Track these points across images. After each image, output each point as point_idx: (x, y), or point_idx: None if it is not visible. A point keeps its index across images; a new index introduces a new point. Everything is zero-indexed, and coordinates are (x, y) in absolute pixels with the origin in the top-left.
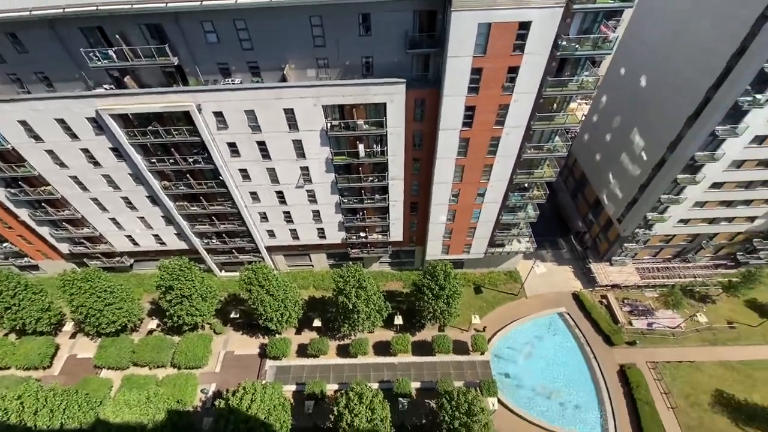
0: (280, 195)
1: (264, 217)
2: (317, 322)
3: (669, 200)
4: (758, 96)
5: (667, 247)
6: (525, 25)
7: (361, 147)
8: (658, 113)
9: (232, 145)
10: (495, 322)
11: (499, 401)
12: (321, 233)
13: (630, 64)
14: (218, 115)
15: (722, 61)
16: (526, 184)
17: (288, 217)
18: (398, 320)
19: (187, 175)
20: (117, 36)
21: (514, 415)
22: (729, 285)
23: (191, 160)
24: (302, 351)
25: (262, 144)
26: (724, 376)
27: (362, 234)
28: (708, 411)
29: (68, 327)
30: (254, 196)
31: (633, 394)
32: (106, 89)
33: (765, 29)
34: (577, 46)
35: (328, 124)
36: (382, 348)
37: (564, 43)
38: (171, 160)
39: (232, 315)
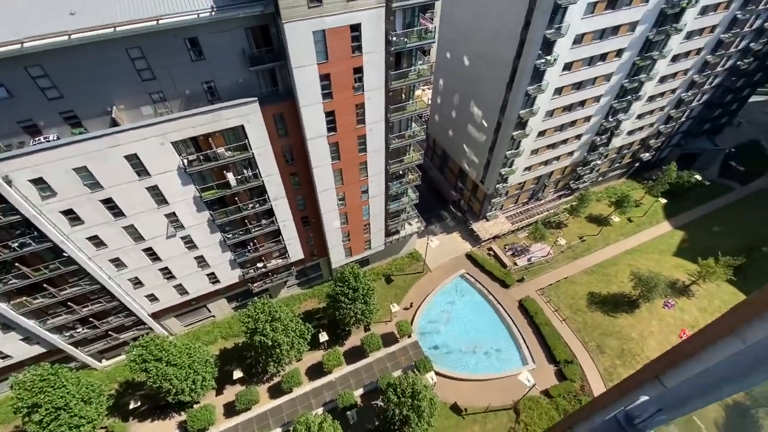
0: (150, 252)
1: (137, 282)
2: (238, 373)
3: (513, 154)
4: (548, 57)
5: (522, 192)
6: (356, 27)
7: (230, 176)
8: (485, 85)
9: (70, 213)
10: (412, 303)
11: (436, 373)
12: (213, 278)
13: (452, 49)
14: (39, 182)
15: (516, 35)
16: (400, 171)
17: (168, 274)
18: (323, 337)
19: (17, 264)
20: None
21: (451, 380)
22: (571, 209)
23: (16, 244)
24: (230, 410)
25: (108, 201)
26: (589, 281)
27: (260, 265)
28: (587, 312)
29: None
30: (117, 262)
31: (534, 321)
32: None
33: (539, 4)
34: (405, 39)
35: (185, 161)
36: (316, 371)
37: (394, 38)
38: None
39: (133, 405)
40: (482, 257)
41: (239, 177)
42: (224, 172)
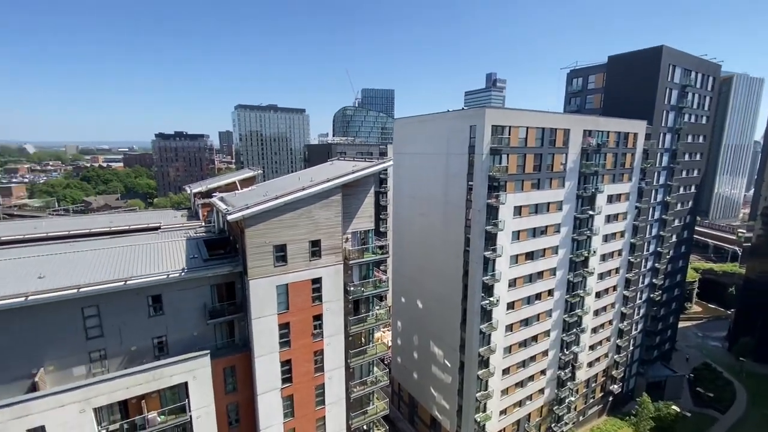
0: None
1: None
2: None
3: (483, 396)
4: (491, 299)
5: None
6: (317, 281)
7: None
8: (440, 325)
9: None
10: None
11: None
12: None
13: (406, 293)
14: None
15: (459, 280)
16: (364, 427)
17: None
18: None
19: None
20: None
21: None
22: None
23: None
24: None
25: None
26: None
27: None
28: None
29: None
30: None
31: None
32: None
33: (472, 257)
34: (362, 289)
35: None
36: None
37: (352, 288)
38: None
39: None
40: None
41: None
42: None
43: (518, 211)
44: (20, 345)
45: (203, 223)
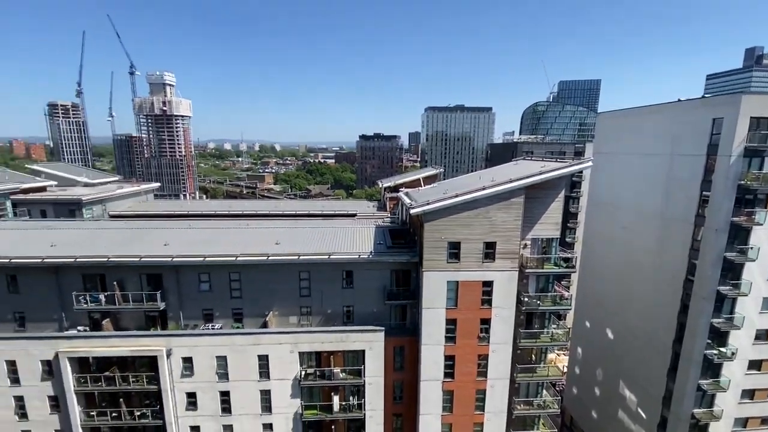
0: None
1: None
2: None
3: None
4: (722, 349)
5: None
6: (488, 284)
7: (335, 399)
8: (636, 366)
9: (191, 396)
10: None
11: None
12: None
13: (591, 318)
14: (187, 360)
15: (672, 317)
16: None
17: None
18: None
19: None
20: (114, 282)
21: None
22: None
23: (138, 413)
24: None
25: (225, 395)
26: None
27: None
28: None
29: None
30: None
31: None
32: (79, 331)
33: (696, 290)
34: (538, 302)
35: (303, 372)
36: None
37: (526, 299)
38: (114, 414)
39: None
40: None
41: (343, 403)
42: (332, 393)
43: None
44: (261, 292)
45: (389, 214)
